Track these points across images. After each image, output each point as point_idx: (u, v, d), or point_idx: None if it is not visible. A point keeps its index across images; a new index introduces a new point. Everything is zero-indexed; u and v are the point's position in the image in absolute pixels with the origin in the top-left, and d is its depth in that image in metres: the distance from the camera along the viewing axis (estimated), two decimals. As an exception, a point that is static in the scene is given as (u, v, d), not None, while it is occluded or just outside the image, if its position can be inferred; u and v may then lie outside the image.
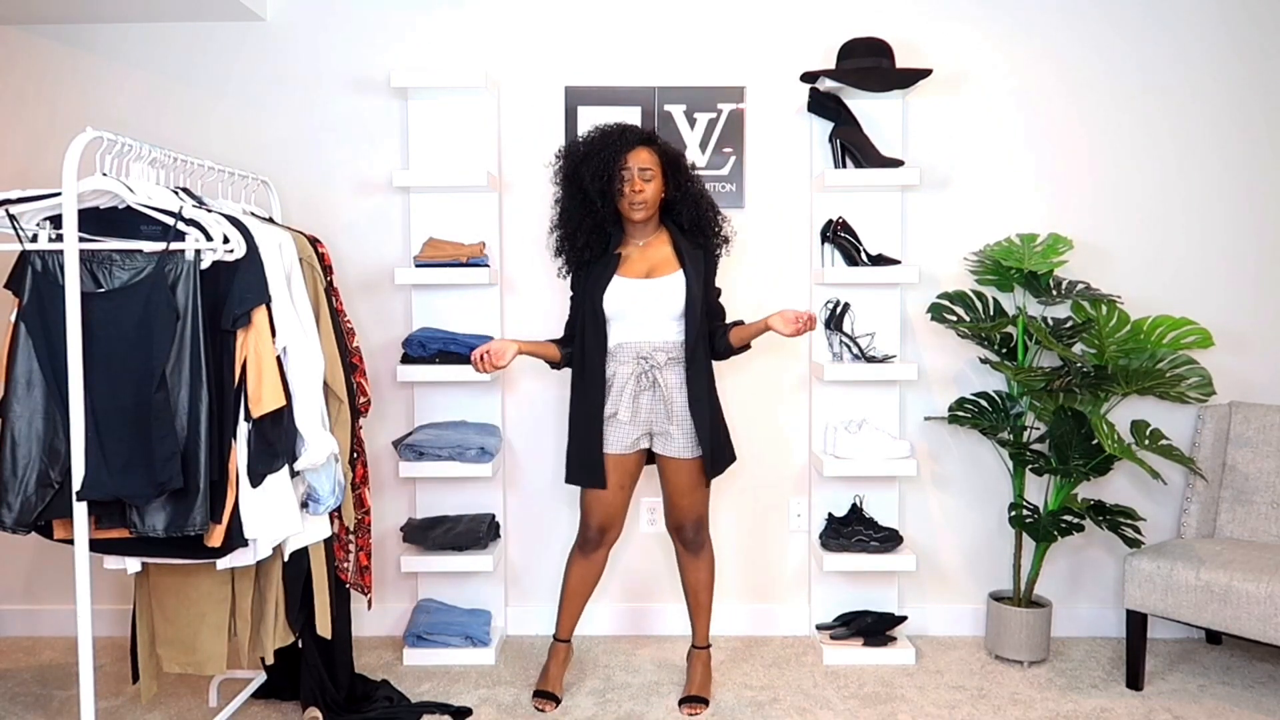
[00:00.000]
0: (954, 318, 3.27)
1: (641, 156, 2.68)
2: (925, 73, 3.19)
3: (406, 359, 3.21)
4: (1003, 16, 3.39)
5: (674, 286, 2.71)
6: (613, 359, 2.75)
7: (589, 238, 2.73)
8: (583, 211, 2.71)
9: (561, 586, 2.95)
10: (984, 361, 3.30)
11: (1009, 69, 3.39)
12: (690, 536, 2.87)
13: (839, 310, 3.31)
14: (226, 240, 2.26)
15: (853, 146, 3.25)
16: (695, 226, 2.78)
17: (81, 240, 2.19)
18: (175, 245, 2.22)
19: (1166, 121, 3.40)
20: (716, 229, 2.81)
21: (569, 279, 2.85)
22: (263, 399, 2.27)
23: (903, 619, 3.31)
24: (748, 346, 2.84)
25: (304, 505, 2.47)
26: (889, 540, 3.25)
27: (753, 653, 3.32)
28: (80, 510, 2.17)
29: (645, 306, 2.71)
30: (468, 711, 2.84)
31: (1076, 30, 3.38)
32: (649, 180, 2.69)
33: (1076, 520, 3.13)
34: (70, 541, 2.25)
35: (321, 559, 2.61)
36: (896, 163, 3.23)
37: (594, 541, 2.86)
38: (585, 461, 2.76)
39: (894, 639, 3.27)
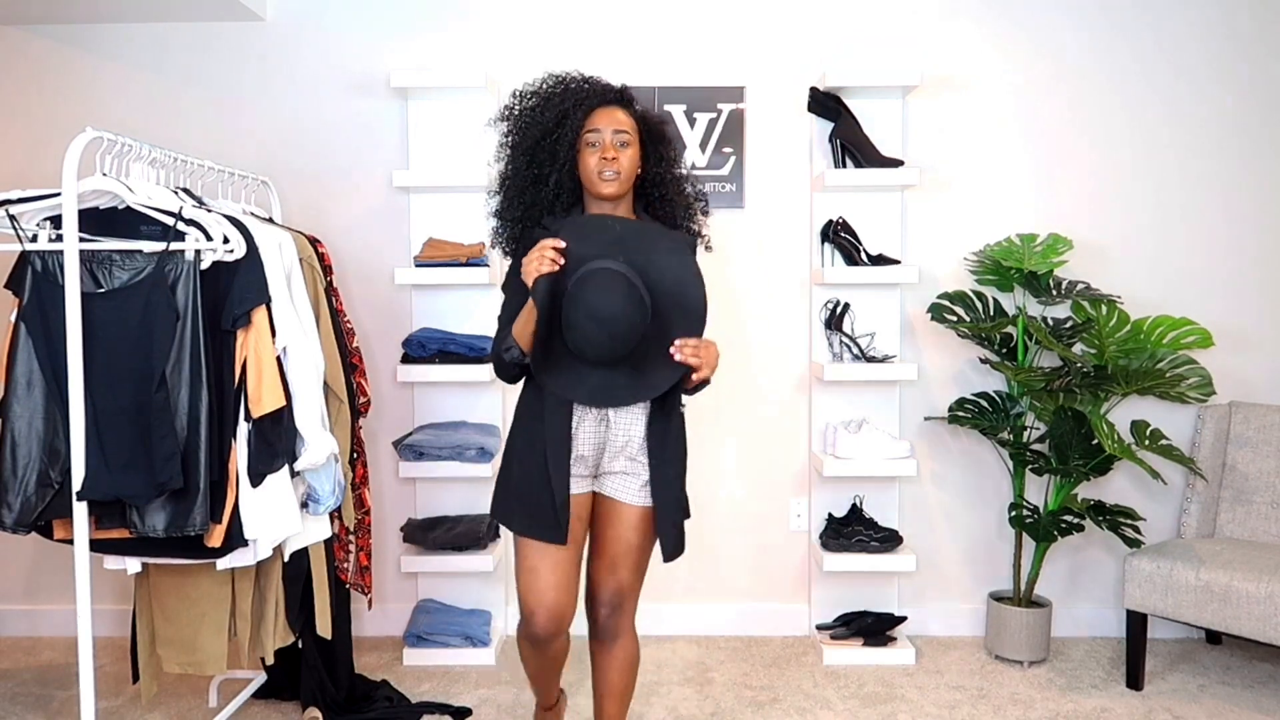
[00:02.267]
0: (954, 318, 3.27)
1: (617, 117, 2.11)
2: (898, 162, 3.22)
3: (406, 359, 3.21)
4: (1003, 16, 3.39)
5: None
6: None
7: (533, 210, 2.14)
8: (533, 177, 2.13)
9: (524, 669, 2.36)
10: (984, 361, 3.30)
11: (1009, 69, 3.39)
12: (604, 612, 2.20)
13: (839, 310, 3.31)
14: (226, 240, 2.26)
15: (853, 146, 3.25)
16: (669, 219, 2.21)
17: (81, 240, 2.19)
18: (175, 245, 2.22)
19: (1167, 121, 3.39)
20: (691, 228, 2.24)
21: (506, 262, 2.23)
22: (263, 399, 2.27)
23: (903, 619, 3.31)
24: (704, 383, 2.08)
25: (304, 505, 2.47)
26: (889, 540, 3.25)
27: (753, 653, 3.32)
28: (80, 510, 2.17)
29: None
30: (468, 711, 2.84)
31: (1077, 30, 3.38)
32: (625, 147, 2.10)
33: (1076, 520, 3.13)
34: (70, 541, 2.25)
35: (321, 559, 2.61)
36: (896, 163, 3.23)
37: (547, 631, 2.13)
38: (546, 506, 2.07)
39: (894, 639, 3.27)
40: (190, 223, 2.24)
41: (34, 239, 2.26)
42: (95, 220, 2.29)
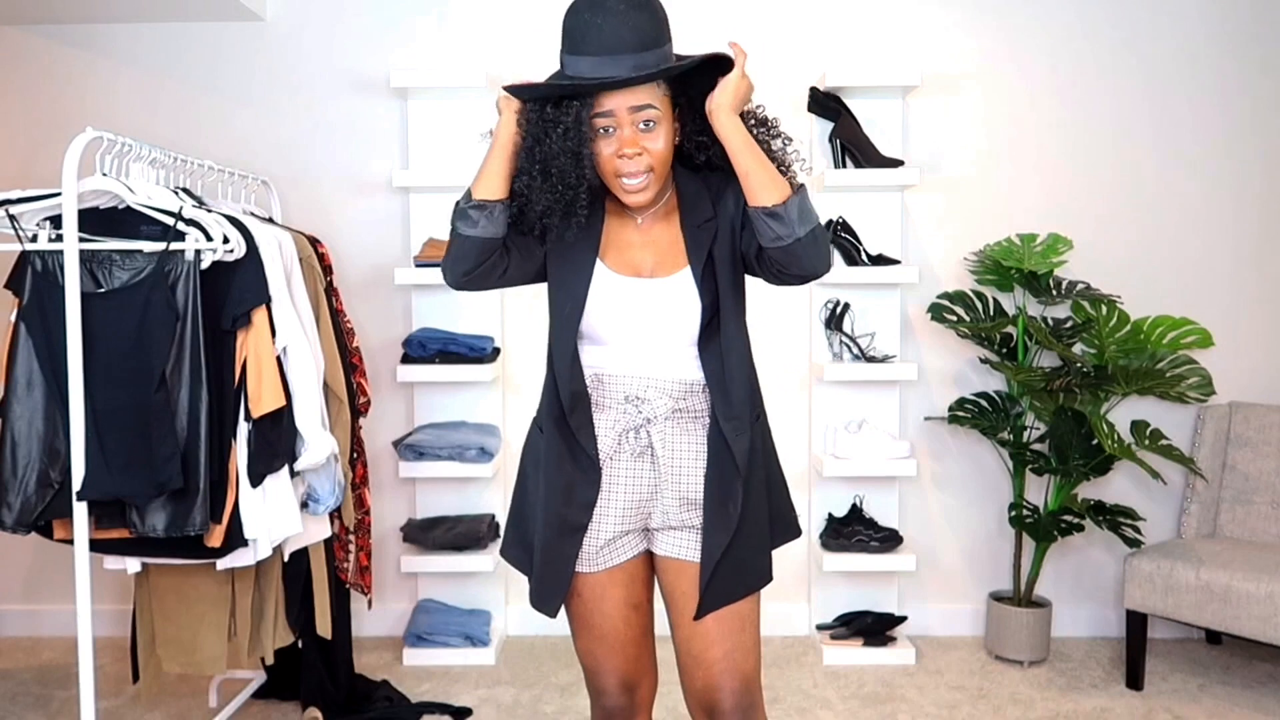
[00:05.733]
0: (954, 318, 3.27)
1: (631, 91, 1.52)
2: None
3: (406, 359, 3.21)
4: (1003, 17, 3.38)
5: (685, 294, 1.63)
6: (593, 402, 1.67)
7: (556, 212, 1.63)
8: (565, 203, 1.60)
9: None
10: (984, 361, 3.30)
11: (1009, 69, 3.39)
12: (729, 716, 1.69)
13: (839, 310, 3.31)
14: (226, 240, 2.26)
15: (853, 146, 3.25)
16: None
17: (81, 240, 2.19)
18: (175, 245, 2.22)
19: (1167, 121, 3.39)
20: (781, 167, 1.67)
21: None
22: (262, 399, 2.27)
23: (903, 619, 3.30)
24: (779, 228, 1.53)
25: (304, 505, 2.47)
26: (889, 540, 3.25)
27: (753, 653, 3.32)
28: (80, 510, 2.17)
29: (644, 324, 1.65)
30: (468, 711, 2.84)
31: (1077, 29, 3.38)
32: (653, 128, 1.54)
33: (1076, 520, 3.13)
34: (70, 541, 2.25)
35: (321, 559, 2.61)
36: (896, 163, 3.23)
37: (620, 709, 1.76)
38: (553, 577, 1.65)
39: (894, 639, 3.27)
40: (190, 223, 2.24)
41: (34, 239, 2.26)
42: (95, 220, 2.28)
